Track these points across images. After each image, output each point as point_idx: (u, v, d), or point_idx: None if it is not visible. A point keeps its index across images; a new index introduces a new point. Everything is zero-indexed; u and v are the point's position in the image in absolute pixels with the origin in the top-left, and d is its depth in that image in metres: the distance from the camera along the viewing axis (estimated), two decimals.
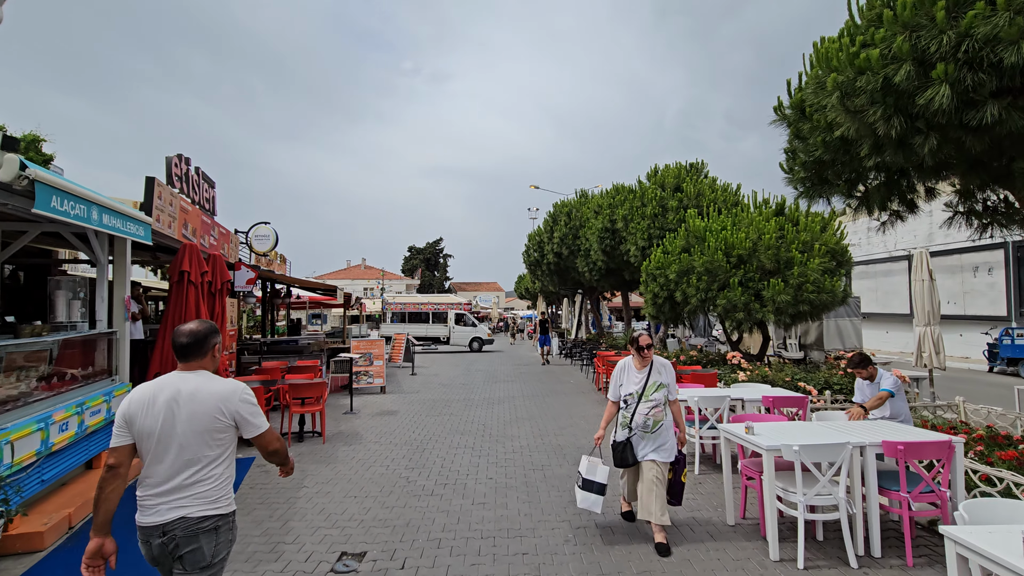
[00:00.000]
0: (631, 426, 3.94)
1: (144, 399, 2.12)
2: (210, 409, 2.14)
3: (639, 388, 3.93)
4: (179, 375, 2.20)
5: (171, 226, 6.94)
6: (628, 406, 3.96)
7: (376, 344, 11.70)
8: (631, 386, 3.97)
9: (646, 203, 13.18)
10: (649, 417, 3.86)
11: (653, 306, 10.54)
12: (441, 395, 11.24)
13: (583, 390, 11.83)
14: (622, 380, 4.04)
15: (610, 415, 4.14)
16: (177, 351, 2.23)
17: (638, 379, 3.95)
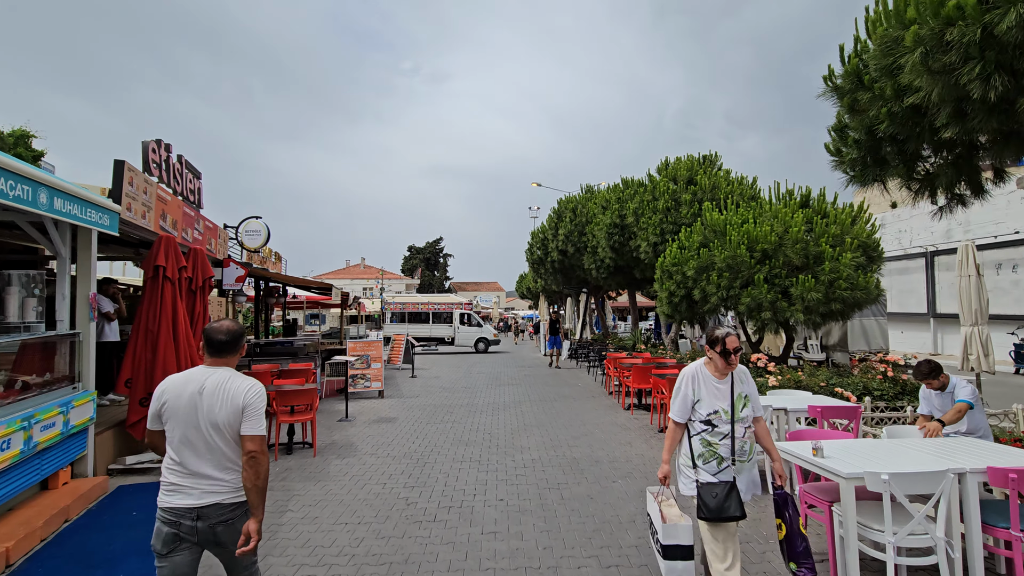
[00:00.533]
0: (734, 457, 2.87)
1: (175, 389, 2.30)
2: (232, 402, 2.28)
3: (727, 404, 2.91)
4: (206, 369, 2.36)
5: (146, 216, 6.29)
6: (714, 429, 2.90)
7: (374, 346, 11.05)
8: (715, 401, 2.92)
9: (658, 197, 12.53)
10: (745, 441, 2.93)
11: (669, 305, 9.89)
12: (443, 400, 10.59)
13: (593, 394, 11.18)
14: (699, 395, 2.96)
15: (675, 441, 3.04)
16: (215, 347, 2.38)
17: (722, 392, 2.94)
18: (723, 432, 2.88)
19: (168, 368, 5.88)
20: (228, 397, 2.29)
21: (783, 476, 2.98)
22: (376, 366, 10.94)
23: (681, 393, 3.00)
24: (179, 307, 6.18)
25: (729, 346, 2.89)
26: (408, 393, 11.50)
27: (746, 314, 8.44)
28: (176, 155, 8.05)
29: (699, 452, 2.92)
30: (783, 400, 5.33)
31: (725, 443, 2.87)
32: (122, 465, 5.66)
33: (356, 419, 8.65)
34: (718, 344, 2.93)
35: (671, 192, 12.23)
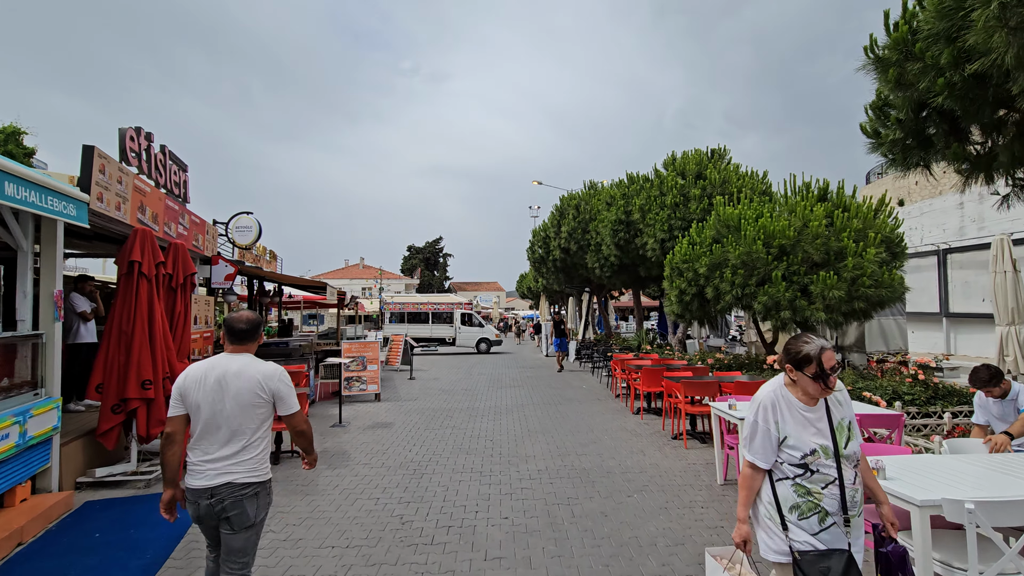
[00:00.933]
0: (845, 511, 2.07)
1: (197, 376, 2.44)
2: (253, 386, 2.43)
3: (827, 439, 2.11)
4: (228, 356, 2.51)
5: (121, 208, 5.82)
6: (812, 475, 2.09)
7: (370, 347, 10.58)
8: (808, 436, 2.12)
9: (665, 192, 12.06)
10: (857, 488, 2.12)
11: (679, 304, 9.43)
12: (442, 403, 10.12)
13: (599, 396, 10.71)
14: (784, 429, 2.14)
15: (753, 491, 2.23)
16: (236, 335, 2.54)
17: (816, 423, 2.14)
18: (827, 477, 2.08)
19: (143, 372, 5.42)
20: (251, 381, 2.45)
21: (896, 525, 2.22)
22: (372, 368, 10.47)
23: (760, 430, 2.17)
24: (156, 306, 5.71)
25: (826, 363, 2.10)
26: (406, 396, 11.03)
27: (762, 313, 7.98)
28: (159, 145, 7.59)
29: (792, 502, 2.10)
30: None
31: (831, 492, 2.07)
32: (92, 478, 5.19)
33: (350, 424, 8.18)
34: (811, 364, 2.10)
35: (679, 187, 11.77)
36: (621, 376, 10.18)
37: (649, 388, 8.31)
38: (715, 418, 5.19)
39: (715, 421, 5.19)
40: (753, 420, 2.22)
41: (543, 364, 18.26)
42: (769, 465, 2.18)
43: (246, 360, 2.52)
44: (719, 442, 5.14)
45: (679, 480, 5.28)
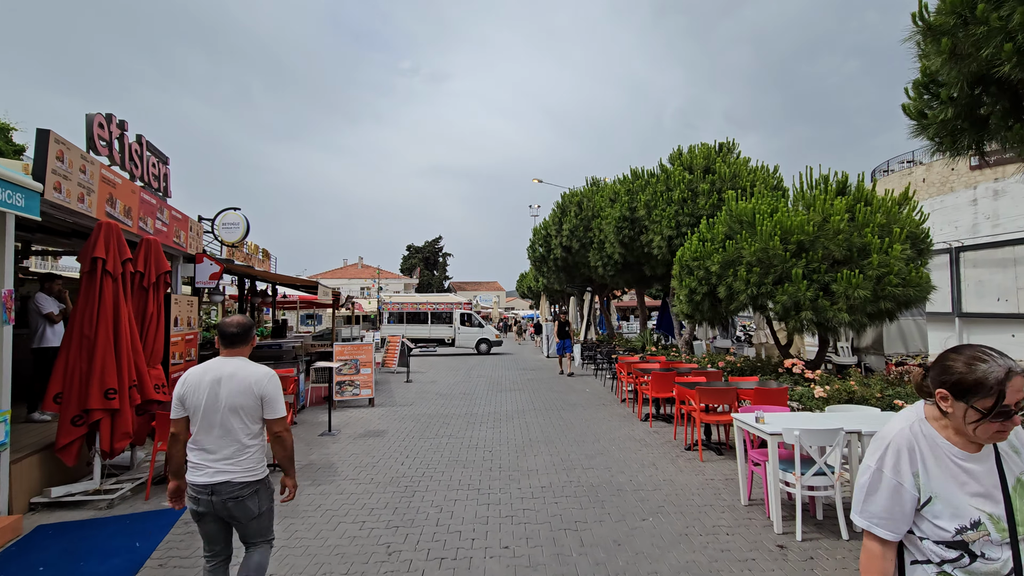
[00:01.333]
0: None
1: (195, 380, 2.59)
2: (245, 388, 2.57)
3: (997, 507, 1.41)
4: (222, 360, 2.65)
5: (85, 200, 5.32)
6: (975, 559, 1.40)
7: (363, 349, 10.08)
8: (968, 498, 1.43)
9: (672, 187, 11.56)
10: None
11: (689, 304, 8.92)
12: (439, 408, 9.62)
13: (604, 401, 10.21)
14: (927, 486, 1.46)
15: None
16: (227, 339, 2.67)
17: (980, 476, 1.45)
18: (995, 564, 1.39)
19: (107, 381, 4.92)
20: (243, 383, 2.56)
21: None
22: (366, 371, 9.97)
23: (885, 484, 1.47)
24: (123, 307, 5.21)
25: (1013, 397, 1.36)
26: (401, 401, 10.53)
27: (780, 314, 7.47)
28: (136, 135, 7.10)
29: None
30: (855, 420, 4.35)
31: None
32: (47, 498, 4.69)
33: (340, 432, 7.69)
34: (987, 394, 1.38)
35: (687, 182, 11.26)
36: (627, 380, 9.68)
37: (659, 394, 7.81)
38: (738, 431, 4.69)
39: (738, 434, 4.69)
40: (876, 468, 1.49)
41: (544, 366, 17.76)
42: (898, 536, 1.48)
43: (239, 363, 2.64)
44: (742, 457, 4.64)
45: (698, 499, 4.78)
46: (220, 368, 2.60)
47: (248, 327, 2.72)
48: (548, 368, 16.90)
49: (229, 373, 2.58)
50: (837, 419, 4.36)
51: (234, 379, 2.56)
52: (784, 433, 3.92)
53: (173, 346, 7.61)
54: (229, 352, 2.67)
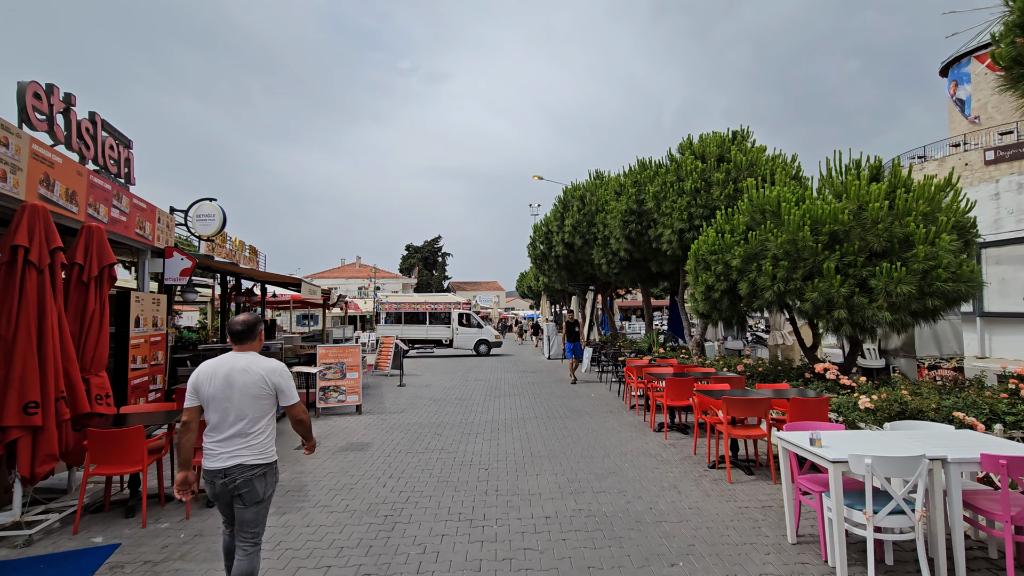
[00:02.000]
0: None
1: (208, 372, 2.78)
2: (257, 380, 2.78)
3: None
4: (234, 355, 2.86)
5: (8, 179, 4.51)
6: None
7: (349, 352, 9.28)
8: None
9: (684, 177, 10.76)
10: None
11: (706, 302, 8.12)
12: (431, 416, 8.82)
13: (611, 408, 9.40)
14: None
15: None
16: (235, 336, 2.89)
17: None
18: None
19: (27, 393, 4.13)
20: (256, 376, 2.78)
21: None
22: (353, 376, 9.17)
23: None
24: (50, 305, 4.40)
25: None
26: (391, 407, 9.73)
27: (810, 312, 6.68)
28: (88, 112, 6.32)
29: None
30: (923, 440, 3.53)
31: None
32: None
33: (320, 444, 6.89)
34: None
35: (700, 171, 10.46)
36: (637, 385, 8.87)
37: (674, 402, 7.02)
38: (783, 452, 3.89)
39: (783, 456, 3.89)
40: None
41: (545, 368, 16.97)
42: None
43: (251, 358, 2.84)
44: (788, 484, 3.84)
45: (734, 534, 3.98)
46: (233, 362, 2.81)
47: (253, 325, 2.93)
48: (549, 371, 16.10)
49: (242, 367, 2.78)
50: (911, 442, 3.55)
51: (247, 372, 2.77)
52: (851, 461, 3.11)
53: (134, 349, 6.84)
54: (239, 348, 2.89)
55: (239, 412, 2.74)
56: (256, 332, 2.94)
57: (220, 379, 2.75)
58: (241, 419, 2.75)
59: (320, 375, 8.94)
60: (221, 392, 2.74)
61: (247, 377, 2.76)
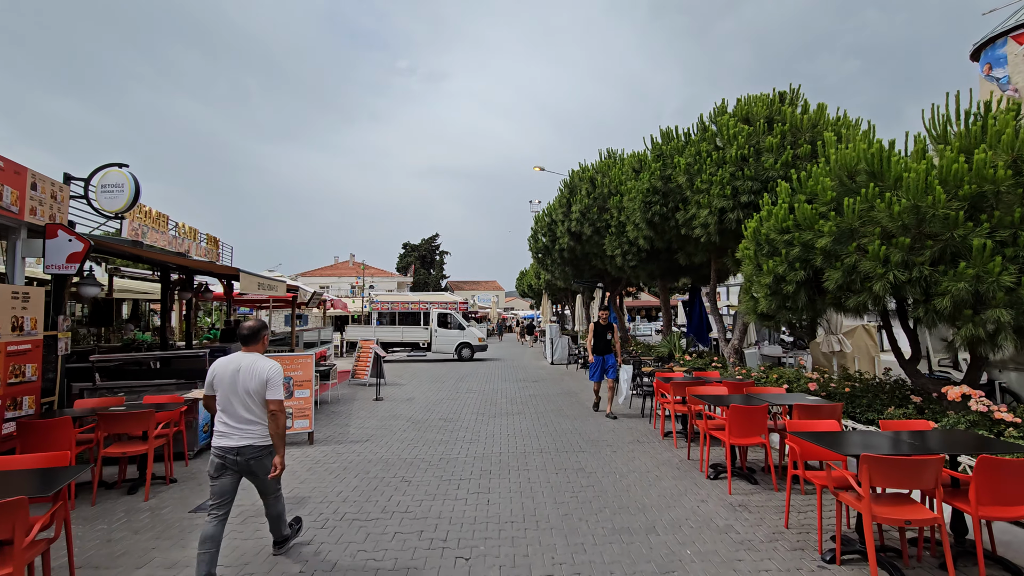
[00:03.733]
0: None
1: (222, 368, 3.38)
2: (258, 375, 3.35)
3: None
4: (242, 354, 3.46)
5: None
6: None
7: (298, 362, 7.16)
8: None
9: (724, 144, 8.64)
10: None
11: (773, 298, 5.99)
12: (403, 448, 6.71)
13: (637, 434, 7.29)
14: None
15: None
16: (241, 339, 3.52)
17: None
18: None
19: None
20: (255, 373, 3.34)
21: None
22: (303, 395, 7.05)
23: None
24: None
25: None
26: (356, 433, 7.60)
27: (950, 311, 4.56)
28: None
29: None
30: None
31: None
32: None
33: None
34: None
35: (746, 135, 8.34)
36: (674, 408, 6.76)
37: (743, 440, 4.91)
38: None
39: None
40: None
41: (548, 376, 14.86)
42: None
43: (255, 357, 3.43)
44: None
45: None
46: (240, 360, 3.39)
47: (258, 330, 3.53)
48: (553, 379, 13.99)
49: (247, 364, 3.37)
50: None
51: (250, 369, 3.35)
52: None
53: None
54: (246, 349, 3.51)
55: (244, 401, 3.32)
56: (260, 336, 3.54)
57: (230, 374, 3.34)
58: (246, 407, 3.32)
59: None
60: (230, 384, 3.32)
61: (250, 373, 3.33)
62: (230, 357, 3.42)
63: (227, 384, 3.31)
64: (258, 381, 3.31)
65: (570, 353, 18.59)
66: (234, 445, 3.26)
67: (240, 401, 3.30)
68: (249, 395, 3.31)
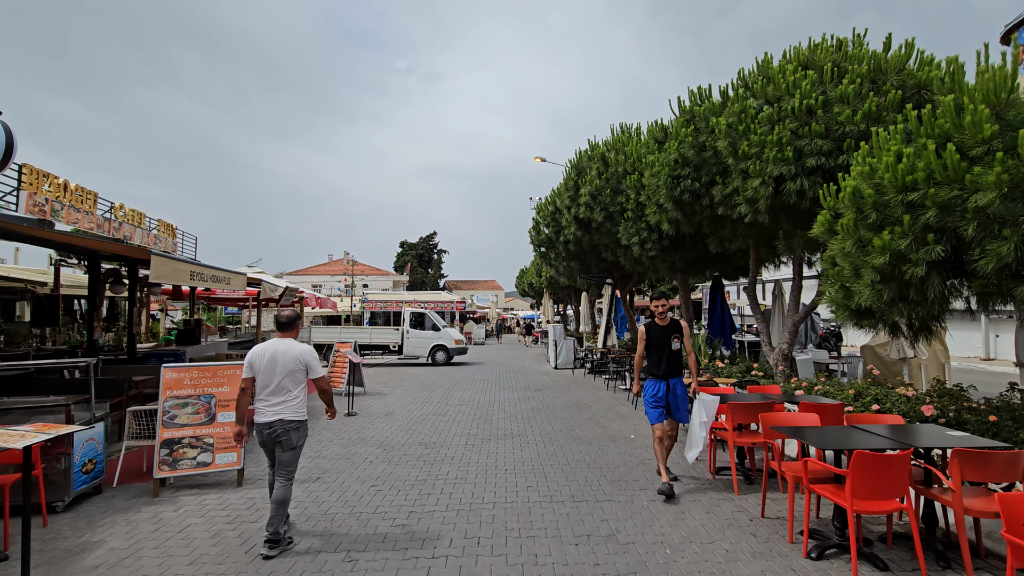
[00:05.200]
0: None
1: (260, 352, 3.83)
2: (293, 358, 3.81)
3: None
4: (278, 340, 3.91)
5: None
6: None
7: (224, 375, 5.34)
8: None
9: (782, 96, 6.83)
10: None
11: (882, 287, 4.17)
12: (361, 496, 4.90)
13: (677, 471, 5.47)
14: None
15: None
16: (279, 326, 4.01)
17: None
18: None
19: None
20: (291, 355, 3.80)
21: None
22: (225, 419, 5.23)
23: None
24: None
25: None
26: (305, 470, 5.76)
27: None
28: None
29: None
30: None
31: None
32: None
33: None
34: None
35: (812, 84, 6.53)
36: (732, 440, 4.92)
37: (873, 505, 3.11)
38: None
39: None
40: None
41: (552, 384, 13.05)
42: None
43: (289, 343, 3.89)
44: None
45: None
46: (276, 345, 3.83)
47: (293, 319, 4.02)
48: (559, 387, 12.18)
49: (283, 349, 3.81)
50: None
51: (286, 353, 3.79)
52: None
53: None
54: (282, 335, 3.96)
55: (280, 382, 3.76)
56: (295, 324, 4.01)
57: (268, 357, 3.77)
58: (281, 387, 3.76)
59: (166, 418, 5.01)
60: (267, 367, 3.75)
61: (286, 356, 3.79)
62: (267, 343, 3.85)
63: (265, 366, 3.75)
64: (295, 363, 3.78)
65: (576, 356, 16.81)
66: (268, 420, 3.71)
67: (277, 381, 3.75)
68: (286, 375, 3.76)
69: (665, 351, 5.11)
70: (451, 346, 18.33)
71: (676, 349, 5.13)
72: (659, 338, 5.17)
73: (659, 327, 5.23)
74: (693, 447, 4.92)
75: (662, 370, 5.10)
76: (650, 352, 5.21)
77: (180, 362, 10.17)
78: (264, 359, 3.76)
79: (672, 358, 5.11)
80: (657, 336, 5.18)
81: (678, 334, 5.18)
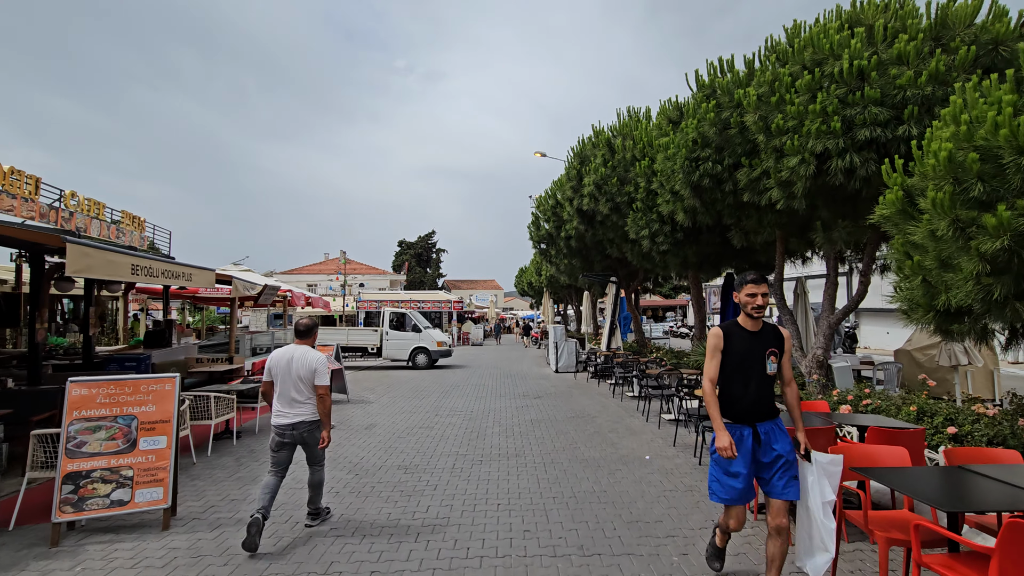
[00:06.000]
0: None
1: (278, 358, 4.03)
2: (309, 364, 4.00)
3: None
4: (295, 346, 4.10)
5: None
6: None
7: (149, 392, 4.33)
8: None
9: (815, 63, 5.82)
10: None
11: (984, 280, 3.18)
12: (310, 553, 3.89)
13: (698, 497, 4.47)
14: None
15: None
16: (297, 334, 4.19)
17: None
18: None
19: None
20: (306, 363, 3.99)
21: None
22: (154, 444, 4.21)
23: None
24: None
25: None
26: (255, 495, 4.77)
27: None
28: None
29: None
30: None
31: None
32: None
33: None
34: None
35: (864, 43, 5.51)
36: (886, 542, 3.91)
37: None
38: None
39: None
40: None
41: (554, 390, 12.02)
42: None
43: (305, 349, 4.07)
44: None
45: None
46: (293, 351, 4.03)
47: (311, 327, 4.22)
48: (560, 393, 11.16)
49: (300, 355, 4.00)
50: None
51: (302, 359, 3.99)
52: None
53: None
54: (299, 342, 4.14)
55: (297, 386, 3.95)
56: (312, 332, 4.21)
57: (284, 363, 3.98)
58: (298, 391, 3.96)
59: (70, 445, 3.99)
60: (285, 372, 3.96)
61: (302, 363, 3.98)
62: (284, 349, 4.07)
63: (282, 371, 3.97)
64: (310, 369, 3.97)
65: (578, 360, 15.80)
66: (289, 423, 3.93)
67: (293, 385, 3.95)
68: (301, 380, 3.96)
69: (753, 375, 3.03)
70: (432, 348, 17.23)
71: (772, 374, 3.07)
72: (746, 351, 3.05)
73: (747, 333, 3.08)
74: (817, 550, 2.82)
75: (747, 406, 3.03)
76: (727, 374, 3.08)
77: (142, 367, 9.15)
78: (282, 363, 3.98)
79: (764, 386, 3.04)
80: (743, 347, 3.06)
81: (776, 348, 3.07)
